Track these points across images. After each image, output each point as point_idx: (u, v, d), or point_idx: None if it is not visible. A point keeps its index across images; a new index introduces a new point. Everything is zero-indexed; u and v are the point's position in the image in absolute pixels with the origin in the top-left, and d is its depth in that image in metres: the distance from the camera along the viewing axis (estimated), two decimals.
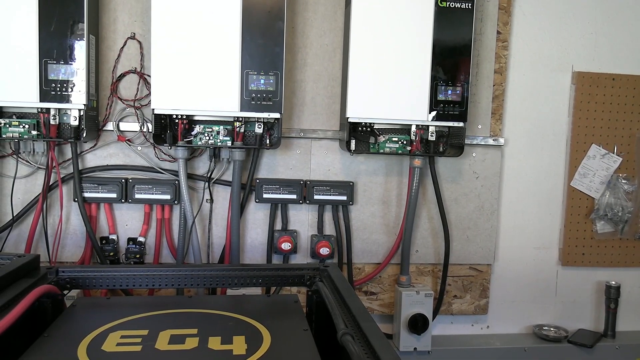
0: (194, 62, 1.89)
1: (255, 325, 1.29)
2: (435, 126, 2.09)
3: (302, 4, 2.14)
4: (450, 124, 2.06)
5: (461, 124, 2.06)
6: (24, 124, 1.93)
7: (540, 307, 2.46)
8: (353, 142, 2.07)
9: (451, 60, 2.03)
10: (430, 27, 2.00)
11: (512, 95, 2.34)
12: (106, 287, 1.50)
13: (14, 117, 1.95)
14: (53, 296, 1.34)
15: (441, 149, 2.15)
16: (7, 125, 1.93)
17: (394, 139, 2.12)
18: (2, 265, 1.42)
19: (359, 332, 1.13)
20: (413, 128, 2.10)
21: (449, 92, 2.04)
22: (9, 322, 1.07)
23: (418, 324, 2.16)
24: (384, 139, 2.11)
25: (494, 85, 2.28)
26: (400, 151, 2.12)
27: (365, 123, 2.08)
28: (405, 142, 2.12)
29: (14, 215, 2.05)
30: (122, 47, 2.07)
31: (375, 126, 2.11)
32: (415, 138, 2.10)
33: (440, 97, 2.03)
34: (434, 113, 2.03)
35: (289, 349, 1.16)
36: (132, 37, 2.07)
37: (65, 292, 1.43)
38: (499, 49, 2.27)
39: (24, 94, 1.86)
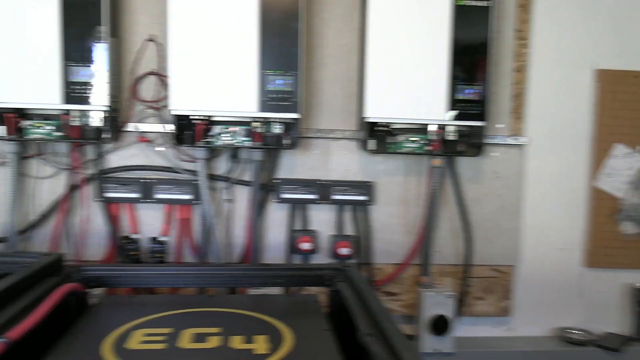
0: (212, 63, 1.90)
1: (277, 324, 1.29)
2: (455, 125, 2.08)
3: (319, 5, 2.14)
4: (470, 123, 2.05)
5: (481, 123, 2.04)
6: (47, 126, 1.97)
7: (565, 309, 2.42)
8: (371, 142, 2.06)
9: (470, 58, 2.02)
10: (448, 25, 1.99)
11: (533, 94, 2.31)
12: (129, 285, 1.52)
13: (38, 119, 1.99)
14: (77, 294, 1.36)
15: (461, 148, 2.13)
16: (32, 127, 1.97)
17: (412, 138, 2.11)
18: (27, 263, 1.44)
19: (380, 333, 1.13)
20: (432, 127, 2.09)
21: (468, 91, 2.02)
22: (36, 320, 1.08)
23: (440, 326, 2.14)
24: (402, 139, 2.10)
25: (514, 84, 2.26)
26: (419, 151, 2.11)
27: (384, 123, 2.07)
28: (424, 142, 2.11)
29: (39, 215, 2.08)
30: (142, 49, 2.09)
31: (394, 126, 2.10)
32: (435, 138, 2.09)
33: (459, 96, 2.02)
34: (453, 112, 2.02)
35: (310, 349, 1.16)
36: (151, 39, 2.09)
37: (89, 290, 1.45)
38: (518, 47, 2.25)
39: (47, 96, 1.89)
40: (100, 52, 1.90)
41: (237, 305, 1.40)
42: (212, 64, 1.90)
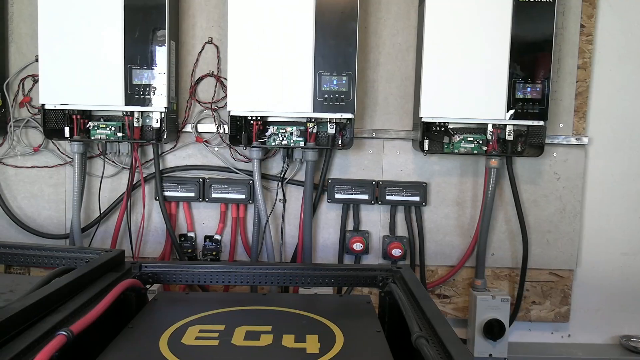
0: (268, 65, 1.92)
1: (328, 324, 1.29)
2: (513, 125, 2.01)
3: (375, 4, 2.13)
4: (530, 122, 1.98)
5: (541, 123, 1.97)
6: (110, 127, 2.05)
7: (628, 316, 2.30)
8: (427, 142, 2.03)
9: (531, 56, 1.95)
10: (509, 22, 1.93)
11: (597, 92, 2.21)
12: (185, 282, 1.55)
13: (101, 120, 2.07)
14: (137, 290, 1.40)
15: (519, 148, 2.07)
16: (96, 128, 2.05)
17: (469, 138, 2.06)
18: (91, 259, 1.51)
19: (434, 336, 1.11)
20: (489, 127, 2.03)
21: (528, 89, 1.96)
22: (99, 312, 1.13)
23: (494, 330, 2.09)
24: (458, 139, 2.06)
25: (577, 82, 2.17)
26: (475, 151, 2.06)
27: (439, 122, 2.04)
28: (481, 142, 2.05)
29: (101, 212, 2.17)
30: (200, 52, 2.14)
31: (450, 126, 2.06)
32: (492, 138, 2.03)
33: (519, 94, 1.96)
34: (512, 111, 1.96)
35: (362, 350, 1.16)
36: (210, 42, 2.14)
37: (147, 286, 1.50)
38: (582, 43, 2.16)
39: (111, 98, 1.96)
40: (161, 55, 1.95)
41: (288, 304, 1.42)
42: (268, 65, 1.92)
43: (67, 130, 2.03)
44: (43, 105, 1.97)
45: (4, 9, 2.15)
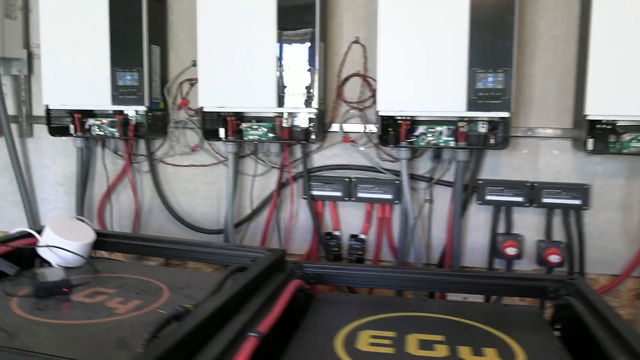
0: (420, 63, 1.88)
1: (502, 337, 1.23)
2: None
3: None
4: None
5: None
6: (262, 128, 2.12)
7: None
8: (590, 141, 1.88)
9: None
10: None
11: None
12: (346, 284, 1.57)
13: (253, 121, 2.15)
14: (303, 290, 1.43)
15: None
16: (248, 129, 2.14)
17: None
18: (257, 258, 1.56)
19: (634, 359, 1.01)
20: None
21: None
22: (279, 313, 1.17)
23: None
24: (628, 138, 1.88)
25: None
26: None
27: (607, 120, 1.87)
28: None
29: (254, 209, 2.27)
30: (347, 52, 2.14)
31: (619, 123, 1.89)
32: None
33: None
34: None
35: None
36: (356, 41, 2.14)
37: (310, 287, 1.53)
38: None
39: (264, 100, 2.03)
40: (313, 56, 1.98)
41: (449, 311, 1.37)
42: (419, 64, 1.88)
43: (222, 131, 2.13)
44: (201, 108, 2.09)
45: (165, 17, 2.31)
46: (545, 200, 2.02)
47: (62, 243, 1.55)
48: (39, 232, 1.58)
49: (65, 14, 2.18)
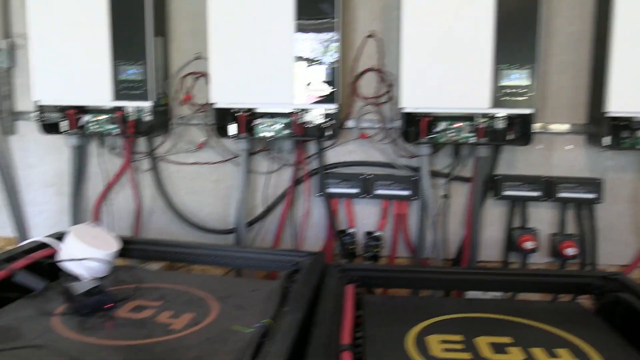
0: (444, 60, 1.87)
1: (566, 336, 1.24)
2: None
3: None
4: None
5: None
6: (277, 124, 2.05)
7: None
8: (606, 137, 1.92)
9: None
10: None
11: None
12: (390, 286, 1.54)
13: (267, 117, 2.08)
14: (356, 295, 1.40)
15: None
16: (262, 126, 2.06)
17: None
18: (299, 262, 1.51)
19: None
20: None
21: None
22: (352, 321, 1.13)
23: None
24: None
25: None
26: None
27: (627, 117, 1.91)
28: None
29: (268, 206, 2.21)
30: (361, 46, 2.10)
31: (636, 119, 1.93)
32: None
33: None
34: None
35: None
36: (371, 36, 2.10)
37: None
38: None
39: (280, 96, 1.97)
40: (331, 51, 1.93)
41: (502, 311, 1.37)
42: (444, 60, 1.86)
43: (233, 127, 2.05)
44: (212, 104, 2.00)
45: (164, 7, 2.18)
46: (561, 194, 2.05)
47: (91, 253, 1.45)
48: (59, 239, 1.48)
49: (56, 0, 2.03)
